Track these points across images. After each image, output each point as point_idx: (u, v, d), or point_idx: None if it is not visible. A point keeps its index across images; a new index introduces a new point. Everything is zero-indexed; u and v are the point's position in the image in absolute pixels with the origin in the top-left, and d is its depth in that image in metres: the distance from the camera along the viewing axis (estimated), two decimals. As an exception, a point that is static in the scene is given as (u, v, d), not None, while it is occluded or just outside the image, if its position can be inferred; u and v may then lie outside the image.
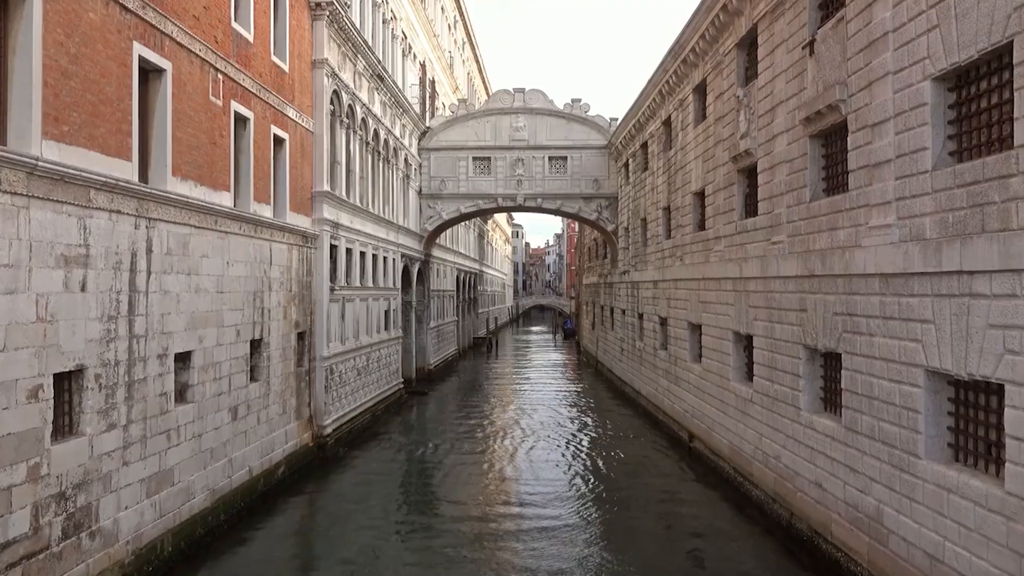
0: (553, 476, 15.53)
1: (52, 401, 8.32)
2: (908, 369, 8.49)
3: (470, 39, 43.19)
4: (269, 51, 14.51)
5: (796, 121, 11.56)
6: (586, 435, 19.94)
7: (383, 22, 23.04)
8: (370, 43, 20.54)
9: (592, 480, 15.37)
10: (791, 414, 11.70)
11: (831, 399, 10.83)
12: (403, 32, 25.68)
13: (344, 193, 19.05)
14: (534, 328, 77.15)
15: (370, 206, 21.80)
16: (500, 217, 69.61)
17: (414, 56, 27.67)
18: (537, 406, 24.85)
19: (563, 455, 17.50)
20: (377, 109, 22.12)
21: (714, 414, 15.83)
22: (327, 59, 17.21)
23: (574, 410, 24.20)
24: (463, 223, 42.25)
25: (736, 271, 14.22)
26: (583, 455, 17.59)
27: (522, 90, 29.01)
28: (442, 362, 34.87)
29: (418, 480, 15.40)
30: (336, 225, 18.07)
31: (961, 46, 7.71)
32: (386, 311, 23.48)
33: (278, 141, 15.22)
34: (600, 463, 16.77)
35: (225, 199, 12.43)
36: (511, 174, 28.98)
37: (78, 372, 8.79)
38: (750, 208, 14.21)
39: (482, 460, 16.98)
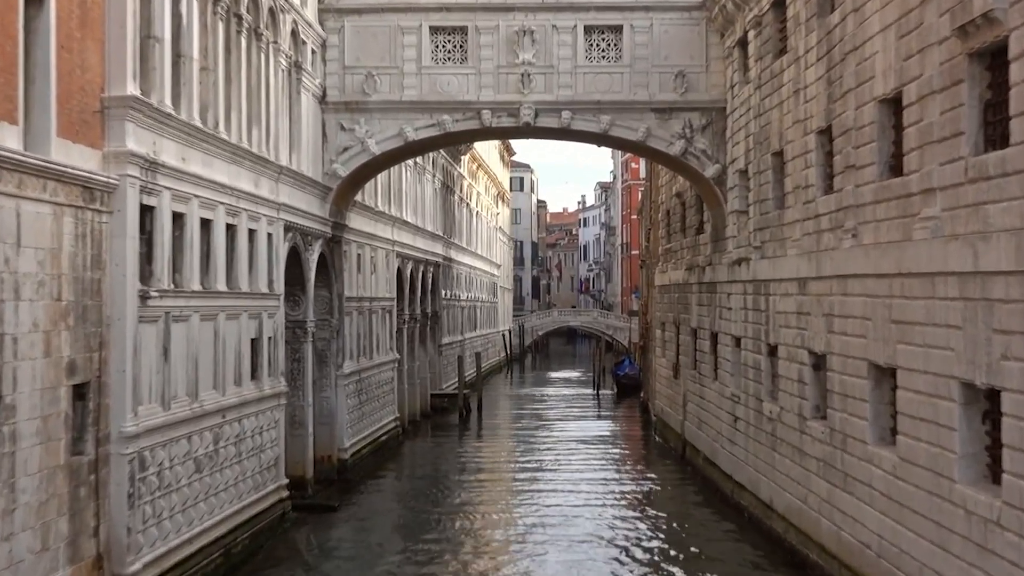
0: None
1: None
2: None
3: None
4: None
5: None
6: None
7: None
8: None
9: None
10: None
11: None
12: None
13: (169, 101, 19.13)
14: (556, 375, 78.57)
15: (222, 128, 21.85)
16: (486, 150, 69.85)
17: None
18: (561, 538, 25.03)
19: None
20: (234, -73, 22.61)
21: (924, 552, 15.82)
22: None
23: (638, 548, 24.41)
24: (411, 162, 42.12)
25: (965, 259, 14.43)
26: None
27: None
28: (369, 444, 34.97)
29: None
30: (153, 166, 18.23)
31: None
32: (254, 341, 23.60)
33: (31, -9, 15.16)
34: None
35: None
36: (509, 62, 28.84)
37: None
38: (993, 133, 14.34)
39: None
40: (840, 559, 19.48)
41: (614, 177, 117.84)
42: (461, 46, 29.27)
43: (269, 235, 24.64)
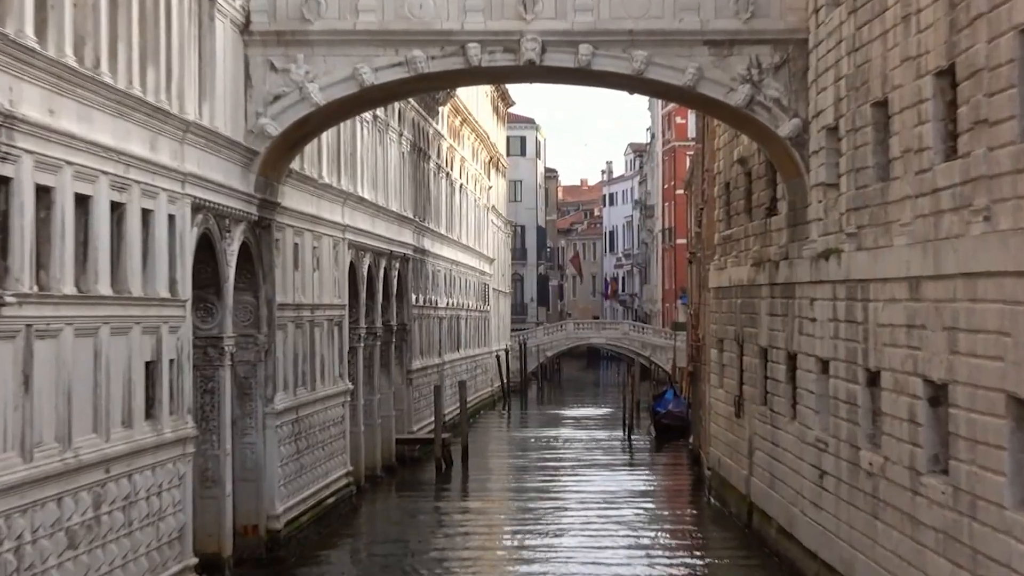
0: None
1: None
2: None
3: None
4: None
5: None
6: None
7: None
8: None
9: None
10: None
11: None
12: None
13: (31, 30, 18.19)
14: (571, 412, 77.03)
15: (105, 68, 20.71)
16: (473, 99, 69.59)
17: None
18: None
19: None
20: None
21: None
22: None
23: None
24: (369, 116, 40.66)
25: None
26: None
27: None
28: (310, 509, 33.02)
29: None
30: (9, 121, 17.38)
31: None
32: (151, 365, 22.54)
33: None
34: None
35: None
36: (504, -23, 26.92)
37: None
38: None
39: None
40: None
41: (652, 137, 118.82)
42: (438, -44, 28.39)
43: (171, 217, 22.99)
